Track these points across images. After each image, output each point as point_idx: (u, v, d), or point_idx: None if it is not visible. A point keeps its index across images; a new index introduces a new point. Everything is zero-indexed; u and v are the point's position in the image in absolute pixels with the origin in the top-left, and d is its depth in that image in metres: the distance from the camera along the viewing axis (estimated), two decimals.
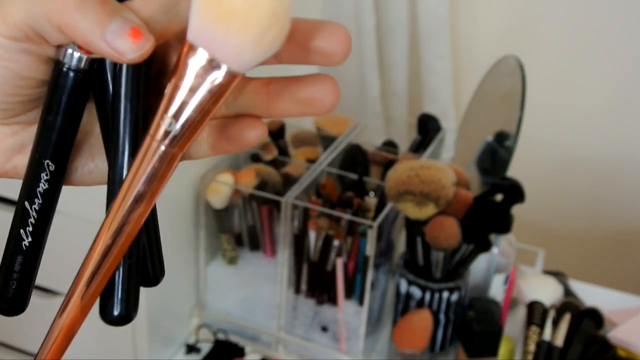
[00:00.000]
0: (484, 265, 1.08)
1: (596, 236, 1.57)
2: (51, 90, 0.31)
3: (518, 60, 1.11)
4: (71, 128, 0.32)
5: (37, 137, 0.32)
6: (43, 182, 0.32)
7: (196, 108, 0.29)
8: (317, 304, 1.06)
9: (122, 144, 0.31)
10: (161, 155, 0.29)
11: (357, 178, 1.08)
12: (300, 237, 1.02)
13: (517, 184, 0.99)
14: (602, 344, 0.95)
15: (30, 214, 0.33)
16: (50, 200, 0.33)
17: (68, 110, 0.32)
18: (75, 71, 0.31)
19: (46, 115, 0.32)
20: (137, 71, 0.31)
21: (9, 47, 0.29)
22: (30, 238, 0.33)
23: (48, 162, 0.32)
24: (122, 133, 0.31)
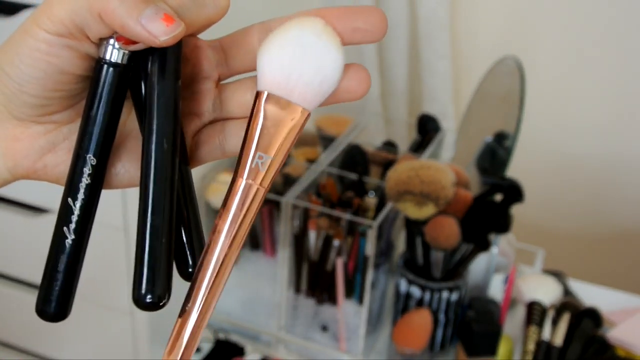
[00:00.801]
0: (483, 265, 1.09)
1: (596, 236, 1.57)
2: (93, 86, 0.33)
3: (517, 61, 1.11)
4: (112, 122, 0.33)
5: (80, 132, 0.33)
6: (86, 177, 0.33)
7: (278, 146, 0.33)
8: (317, 303, 1.07)
9: (157, 129, 0.32)
10: (253, 192, 0.33)
11: (357, 178, 1.09)
12: (300, 237, 1.03)
13: (517, 184, 0.99)
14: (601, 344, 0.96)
15: (74, 210, 0.33)
16: (93, 195, 0.33)
17: (109, 104, 0.33)
18: (114, 66, 0.32)
19: (89, 110, 0.33)
20: (167, 64, 0.33)
21: (54, 42, 0.31)
22: (73, 235, 0.33)
23: (90, 157, 0.33)
24: (155, 119, 0.33)
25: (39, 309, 0.33)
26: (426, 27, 1.42)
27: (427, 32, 1.43)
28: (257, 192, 0.33)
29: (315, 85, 0.32)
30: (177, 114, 0.33)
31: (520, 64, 1.10)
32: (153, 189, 0.32)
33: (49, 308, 0.33)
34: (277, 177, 0.35)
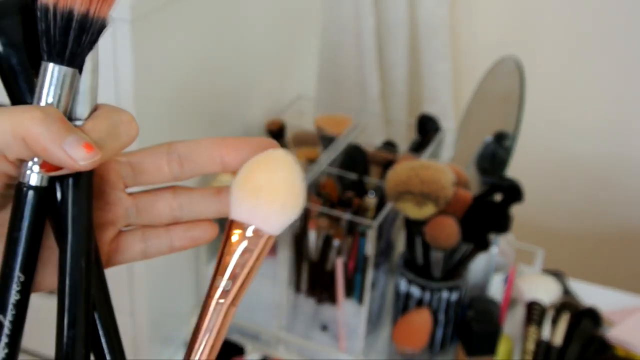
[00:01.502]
0: (483, 265, 1.09)
1: (595, 235, 1.57)
2: (15, 208, 0.35)
3: (517, 61, 1.11)
4: (36, 240, 0.36)
5: (6, 253, 0.35)
6: (15, 294, 0.35)
7: (245, 267, 0.36)
8: (317, 303, 1.07)
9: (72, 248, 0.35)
10: (223, 311, 0.37)
11: (357, 178, 1.09)
12: (300, 236, 1.03)
13: (516, 184, 0.99)
14: (600, 344, 0.96)
15: (5, 325, 0.35)
16: (23, 310, 0.35)
17: (32, 224, 0.35)
18: (35, 189, 0.35)
19: (12, 232, 0.35)
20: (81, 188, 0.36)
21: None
22: (6, 349, 0.35)
23: (18, 275, 0.35)
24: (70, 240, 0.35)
25: None
26: (426, 27, 1.42)
27: (427, 32, 1.43)
28: (229, 310, 0.37)
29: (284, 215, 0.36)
30: (92, 233, 0.36)
31: (520, 64, 1.10)
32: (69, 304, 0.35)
33: None
34: None
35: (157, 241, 0.40)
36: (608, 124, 1.49)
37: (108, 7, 0.34)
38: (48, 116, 0.33)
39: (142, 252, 0.40)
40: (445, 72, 1.45)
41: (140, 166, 0.39)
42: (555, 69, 1.48)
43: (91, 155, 0.33)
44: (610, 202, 1.55)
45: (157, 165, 0.39)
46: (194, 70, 1.02)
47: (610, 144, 1.51)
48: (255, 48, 1.19)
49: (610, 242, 1.57)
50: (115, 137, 0.35)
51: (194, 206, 0.39)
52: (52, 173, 0.34)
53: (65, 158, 0.33)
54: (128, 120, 0.36)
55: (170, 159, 0.38)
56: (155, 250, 0.40)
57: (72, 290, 0.35)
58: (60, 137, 0.32)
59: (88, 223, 0.36)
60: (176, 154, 0.38)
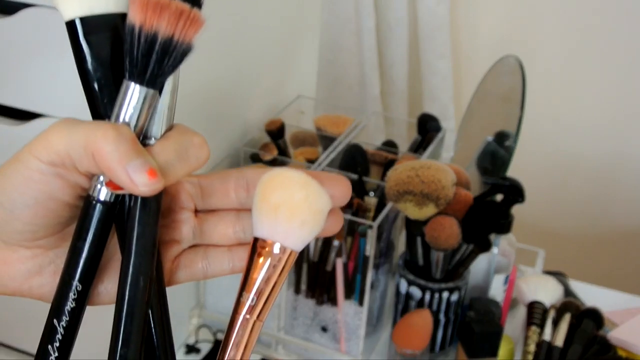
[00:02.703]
0: (484, 266, 1.08)
1: (596, 236, 1.57)
2: (81, 220, 0.36)
3: (518, 60, 1.11)
4: (97, 253, 0.36)
5: (68, 260, 0.36)
6: (71, 301, 0.36)
7: (269, 283, 0.37)
8: (317, 304, 1.06)
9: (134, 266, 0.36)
10: (249, 326, 0.37)
11: (357, 178, 1.08)
12: None
13: (517, 184, 0.99)
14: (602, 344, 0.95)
15: (58, 330, 0.36)
16: (77, 318, 0.37)
17: (95, 237, 0.36)
18: (102, 203, 0.35)
19: (76, 241, 0.36)
20: (148, 206, 0.36)
21: (45, 171, 0.34)
22: (56, 353, 0.36)
23: (76, 284, 0.36)
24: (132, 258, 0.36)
25: None
26: (426, 26, 1.42)
27: (427, 31, 1.43)
28: (255, 325, 0.37)
29: (306, 232, 0.37)
30: (155, 252, 0.37)
31: (521, 63, 1.09)
32: (125, 322, 0.36)
33: None
34: None
35: (219, 261, 0.40)
36: (609, 124, 1.49)
37: (194, 32, 0.35)
38: (120, 135, 0.33)
39: (204, 271, 0.41)
40: (446, 72, 1.45)
41: (209, 189, 0.39)
42: (556, 68, 1.48)
43: (153, 182, 0.33)
44: (612, 202, 1.54)
45: (226, 189, 0.39)
46: (193, 70, 1.01)
47: (611, 143, 1.50)
48: (255, 48, 1.19)
49: (611, 243, 1.56)
50: (184, 161, 0.35)
51: None
52: (116, 192, 0.35)
53: (127, 181, 0.33)
54: (200, 144, 0.36)
55: (237, 184, 0.39)
56: (216, 269, 0.41)
57: (129, 309, 0.36)
58: (126, 159, 0.33)
59: (152, 242, 0.36)
60: (244, 180, 0.39)
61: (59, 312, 0.36)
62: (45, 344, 0.36)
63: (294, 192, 0.36)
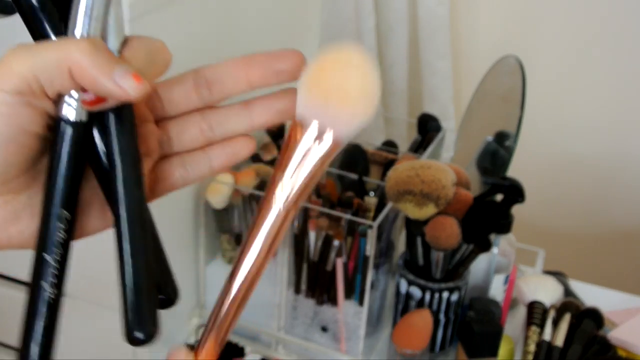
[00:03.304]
0: (484, 265, 1.08)
1: (596, 236, 1.57)
2: (56, 144, 0.34)
3: (518, 60, 1.11)
4: (78, 177, 0.35)
5: (48, 191, 0.35)
6: (61, 232, 0.34)
7: (308, 172, 0.35)
8: (317, 304, 1.06)
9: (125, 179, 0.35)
10: (283, 215, 0.35)
11: (357, 178, 1.08)
12: (300, 237, 1.02)
13: (517, 184, 0.99)
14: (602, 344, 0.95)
15: (52, 264, 0.34)
16: (67, 249, 0.35)
17: (73, 160, 0.35)
18: (75, 124, 0.34)
19: (54, 168, 0.34)
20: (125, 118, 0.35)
21: (12, 101, 0.32)
22: (56, 290, 0.34)
23: (63, 211, 0.34)
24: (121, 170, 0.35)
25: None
26: (426, 26, 1.42)
27: (427, 31, 1.43)
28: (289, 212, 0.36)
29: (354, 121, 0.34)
30: (140, 160, 0.36)
31: (521, 63, 1.09)
32: (130, 234, 0.34)
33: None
34: None
35: (197, 164, 0.40)
36: (609, 124, 1.49)
37: None
38: (96, 47, 0.32)
39: (183, 178, 0.40)
40: (446, 72, 1.45)
41: (169, 96, 0.39)
42: (556, 68, 1.48)
43: (141, 85, 0.33)
44: (612, 202, 1.54)
45: (186, 92, 0.39)
46: None
47: (611, 143, 1.50)
48: (255, 47, 1.19)
49: (611, 243, 1.56)
50: (154, 65, 0.35)
51: (224, 124, 0.39)
52: (96, 107, 0.34)
53: (116, 89, 0.33)
54: (162, 47, 0.36)
55: (198, 84, 0.38)
56: (196, 173, 0.40)
57: (132, 219, 0.34)
58: (109, 68, 0.32)
59: (136, 152, 0.35)
60: (203, 79, 0.38)
61: (50, 245, 0.34)
62: (38, 280, 0.34)
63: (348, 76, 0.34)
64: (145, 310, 0.34)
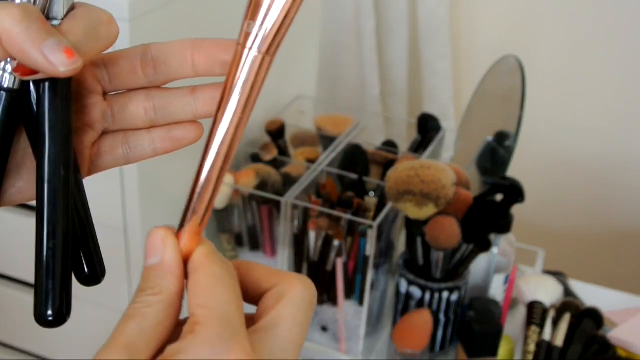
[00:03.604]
0: (484, 265, 1.08)
1: (596, 236, 1.57)
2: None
3: (518, 60, 1.11)
4: (5, 146, 0.34)
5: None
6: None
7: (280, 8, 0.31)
8: (317, 304, 1.06)
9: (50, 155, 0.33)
10: (254, 59, 0.32)
11: (357, 178, 1.08)
12: (300, 237, 1.02)
13: (517, 184, 0.99)
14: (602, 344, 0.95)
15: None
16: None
17: (2, 129, 0.34)
18: (7, 91, 0.33)
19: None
20: (59, 92, 0.34)
21: None
22: None
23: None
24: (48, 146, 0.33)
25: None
26: (426, 26, 1.42)
27: (427, 31, 1.43)
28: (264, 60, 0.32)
29: None
30: (70, 139, 0.34)
31: (521, 63, 1.09)
32: (49, 214, 0.33)
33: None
34: None
35: (140, 144, 0.39)
36: (609, 124, 1.49)
37: None
38: (28, 15, 0.31)
39: (125, 157, 0.39)
40: (446, 72, 1.45)
41: (115, 69, 0.37)
42: (556, 68, 1.48)
43: (72, 61, 0.31)
44: (612, 202, 1.54)
45: (132, 67, 0.37)
46: None
47: (611, 143, 1.50)
48: None
49: (611, 243, 1.56)
50: (95, 39, 0.34)
51: (168, 107, 0.38)
52: (27, 77, 0.33)
53: (44, 63, 0.31)
54: (108, 20, 0.34)
55: (144, 61, 0.37)
56: (138, 153, 0.39)
57: (51, 200, 0.33)
58: (39, 39, 0.31)
59: (67, 129, 0.34)
60: (150, 57, 0.37)
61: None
62: None
63: None
64: (56, 291, 0.33)
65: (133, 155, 0.39)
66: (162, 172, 1.01)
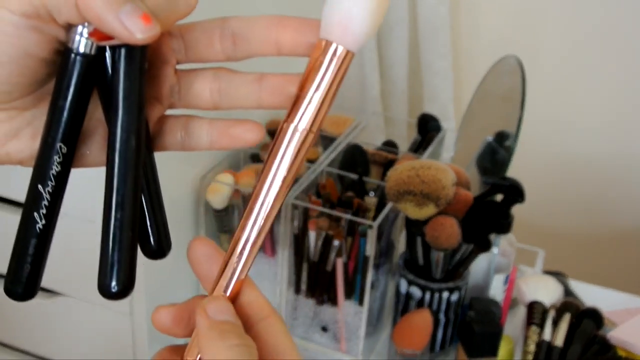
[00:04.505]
0: (484, 265, 1.08)
1: (596, 236, 1.57)
2: (61, 75, 0.33)
3: (518, 60, 1.11)
4: (80, 111, 0.34)
5: (49, 121, 0.33)
6: (56, 165, 0.34)
7: (326, 90, 0.34)
8: (317, 304, 1.06)
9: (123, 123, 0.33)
10: (300, 135, 0.34)
11: (357, 178, 1.08)
12: (300, 237, 1.02)
13: (517, 184, 0.99)
14: (601, 344, 0.95)
15: (44, 196, 0.34)
16: (62, 182, 0.34)
17: (77, 93, 0.33)
18: (83, 56, 0.32)
19: (57, 99, 0.33)
20: (135, 59, 0.33)
21: (19, 23, 0.31)
22: (43, 221, 0.34)
23: (60, 145, 0.33)
24: (121, 115, 0.33)
25: (8, 289, 0.34)
26: (427, 26, 1.42)
27: (427, 31, 1.43)
28: (308, 137, 0.34)
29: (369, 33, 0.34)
30: (143, 109, 0.34)
31: (521, 64, 1.09)
32: (118, 184, 0.33)
33: (18, 289, 0.34)
34: None
35: (197, 132, 0.38)
36: (609, 124, 1.49)
37: None
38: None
39: (181, 142, 0.38)
40: (446, 72, 1.45)
41: (191, 41, 0.36)
42: (556, 68, 1.48)
43: (149, 28, 0.30)
44: (612, 202, 1.54)
45: (209, 40, 0.36)
46: None
47: (611, 143, 1.50)
48: None
49: (611, 243, 1.56)
50: (174, 6, 0.33)
51: (234, 92, 0.37)
52: (103, 42, 0.32)
53: (121, 29, 0.30)
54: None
55: (223, 34, 0.36)
56: (194, 142, 0.38)
57: (121, 170, 0.33)
58: (116, 5, 0.30)
59: (140, 99, 0.34)
60: (230, 30, 0.36)
61: (44, 176, 0.34)
62: (31, 210, 0.34)
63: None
64: (122, 263, 0.33)
65: (189, 143, 0.38)
66: (162, 173, 1.01)
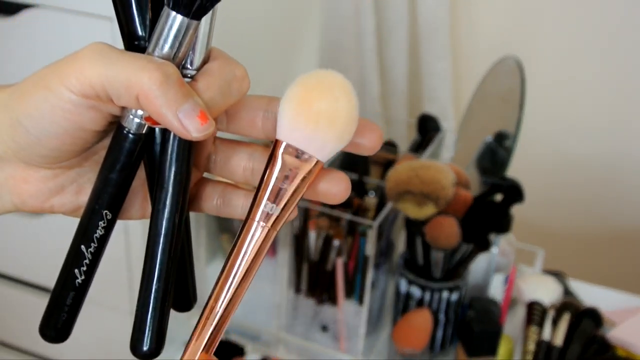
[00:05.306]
0: (483, 265, 1.09)
1: (596, 236, 1.57)
2: (113, 149, 0.35)
3: (518, 61, 1.11)
4: (127, 183, 0.36)
5: (98, 190, 0.36)
6: (100, 229, 0.36)
7: (291, 193, 0.35)
8: (317, 303, 1.07)
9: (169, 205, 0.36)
10: (263, 234, 0.35)
11: (357, 178, 1.09)
12: (300, 237, 1.03)
13: (517, 184, 0.99)
14: (601, 344, 0.96)
15: (86, 255, 0.36)
16: (103, 243, 0.37)
17: (127, 168, 0.36)
18: (135, 135, 0.35)
19: (108, 172, 0.35)
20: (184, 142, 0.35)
21: (77, 102, 0.32)
22: (83, 276, 0.37)
23: (106, 212, 0.36)
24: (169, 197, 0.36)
25: (43, 331, 0.37)
26: (426, 27, 1.42)
27: (427, 32, 1.43)
28: (269, 234, 0.35)
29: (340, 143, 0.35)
30: (188, 188, 0.36)
31: (521, 64, 1.10)
32: (161, 258, 0.36)
33: (52, 333, 0.37)
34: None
35: (234, 203, 0.39)
36: (608, 124, 1.49)
37: None
38: (167, 78, 0.31)
39: (217, 208, 0.39)
40: (446, 72, 1.45)
41: (234, 116, 0.37)
42: (555, 69, 1.48)
43: (205, 127, 0.32)
44: (611, 202, 1.55)
45: (252, 120, 0.37)
46: None
47: (610, 144, 1.50)
48: (255, 48, 1.19)
49: (610, 242, 1.57)
50: (227, 96, 0.34)
51: None
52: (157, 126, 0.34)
53: (179, 127, 0.31)
54: (242, 76, 0.34)
55: (266, 117, 0.37)
56: (229, 211, 0.39)
57: (165, 247, 0.35)
58: (176, 104, 0.31)
59: (186, 179, 0.36)
60: (273, 114, 0.37)
61: (87, 238, 0.36)
62: (72, 267, 0.36)
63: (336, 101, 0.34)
64: (155, 329, 0.36)
65: (224, 210, 0.39)
66: None
